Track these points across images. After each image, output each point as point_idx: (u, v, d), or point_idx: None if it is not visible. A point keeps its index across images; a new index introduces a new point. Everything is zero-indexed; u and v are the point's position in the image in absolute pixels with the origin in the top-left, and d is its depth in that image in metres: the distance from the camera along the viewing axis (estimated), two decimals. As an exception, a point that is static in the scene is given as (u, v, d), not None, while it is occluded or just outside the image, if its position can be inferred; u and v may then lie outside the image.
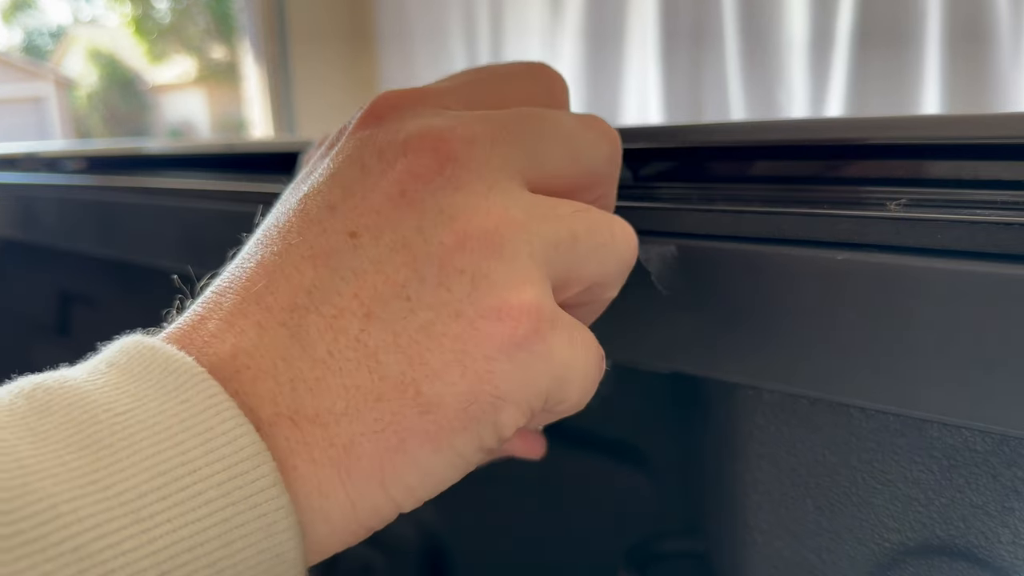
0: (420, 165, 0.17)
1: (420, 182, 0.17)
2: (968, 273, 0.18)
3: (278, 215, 0.19)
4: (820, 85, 1.75)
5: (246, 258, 0.18)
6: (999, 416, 0.18)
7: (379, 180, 0.18)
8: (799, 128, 0.24)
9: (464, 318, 0.17)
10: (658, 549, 0.33)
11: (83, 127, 4.84)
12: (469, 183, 0.17)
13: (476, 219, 0.17)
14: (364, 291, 0.17)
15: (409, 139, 0.18)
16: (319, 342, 0.17)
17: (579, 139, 0.20)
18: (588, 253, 0.19)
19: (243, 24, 2.77)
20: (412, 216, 0.17)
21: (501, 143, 0.18)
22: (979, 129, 0.20)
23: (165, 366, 0.16)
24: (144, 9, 4.88)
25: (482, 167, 0.18)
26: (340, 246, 0.17)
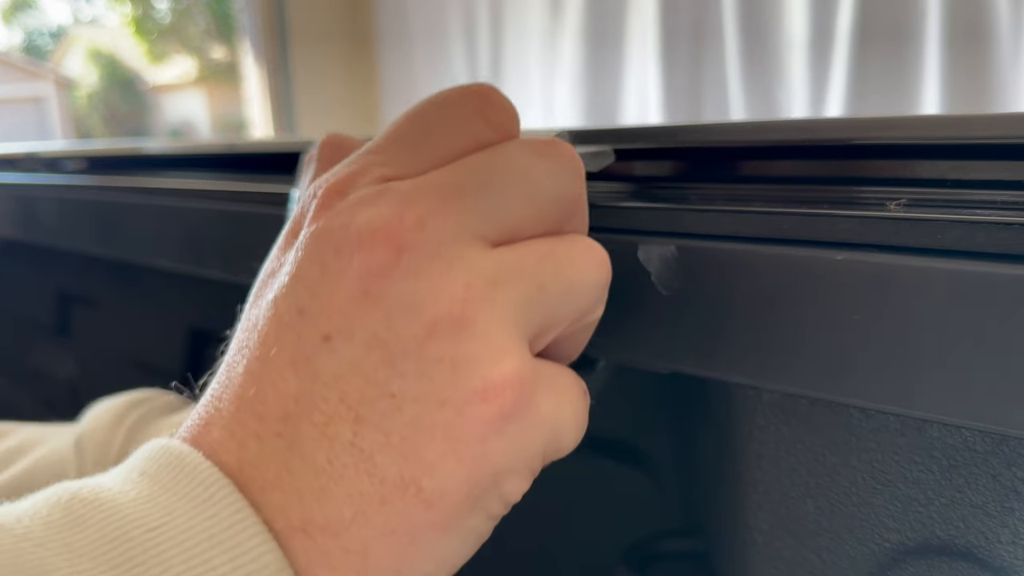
0: (376, 262, 0.17)
1: (379, 278, 0.17)
2: (968, 273, 0.18)
3: (255, 317, 0.19)
4: (820, 85, 1.75)
5: (234, 363, 0.19)
6: (999, 416, 0.18)
7: (340, 280, 0.17)
8: (799, 128, 0.24)
9: (450, 405, 0.17)
10: (658, 549, 0.33)
11: (83, 127, 4.85)
12: (428, 267, 0.17)
13: (442, 304, 0.17)
14: (349, 395, 0.17)
15: (361, 235, 0.18)
16: (316, 451, 0.17)
17: (534, 175, 0.19)
18: (559, 298, 0.19)
19: (243, 24, 2.77)
20: (379, 313, 0.17)
21: (452, 212, 0.18)
22: (979, 129, 0.20)
23: (193, 476, 0.17)
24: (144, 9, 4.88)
25: (438, 246, 0.17)
26: (316, 351, 0.17)
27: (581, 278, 0.19)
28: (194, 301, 0.55)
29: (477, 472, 0.17)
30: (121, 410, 0.36)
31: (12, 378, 0.82)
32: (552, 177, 0.20)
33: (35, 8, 5.28)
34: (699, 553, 0.32)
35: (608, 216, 0.24)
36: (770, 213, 0.21)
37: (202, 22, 4.84)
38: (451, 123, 0.20)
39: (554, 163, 0.20)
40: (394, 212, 0.18)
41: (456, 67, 2.47)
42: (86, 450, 0.34)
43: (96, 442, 0.34)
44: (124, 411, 0.36)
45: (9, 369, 0.82)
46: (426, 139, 0.20)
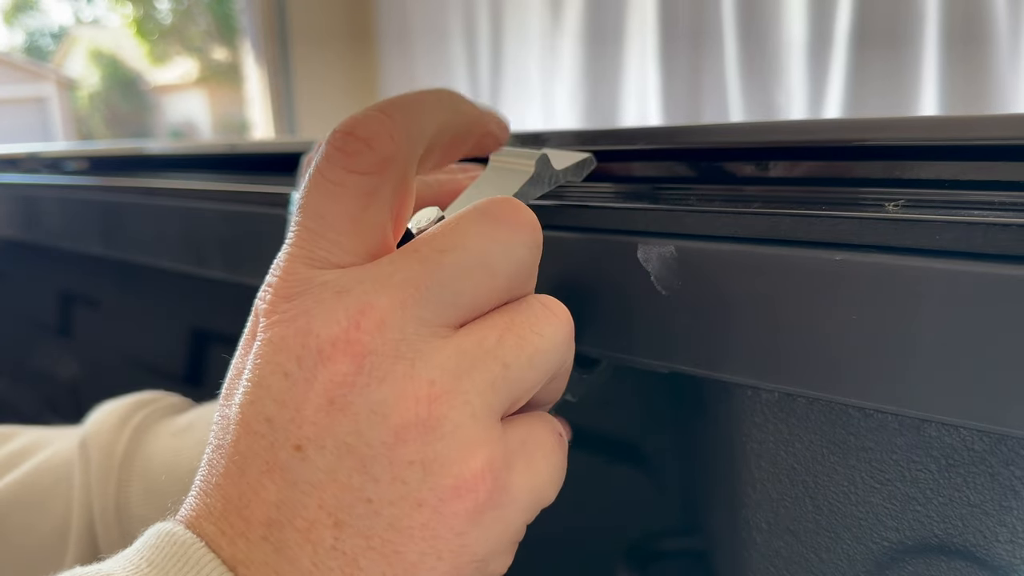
0: (339, 372, 0.17)
1: (343, 388, 0.17)
2: (966, 274, 0.18)
3: (227, 418, 0.19)
4: (819, 87, 1.75)
5: (216, 460, 0.19)
6: (997, 415, 0.18)
7: (306, 391, 0.18)
8: (798, 129, 0.24)
9: (427, 505, 0.17)
10: (658, 548, 0.33)
11: (85, 128, 4.85)
12: (391, 370, 0.17)
13: (408, 410, 0.17)
14: (327, 501, 0.17)
15: (321, 346, 0.18)
16: (301, 555, 0.17)
17: (491, 256, 0.19)
18: (525, 370, 0.19)
19: (244, 25, 2.77)
20: (347, 422, 0.17)
21: (410, 308, 0.18)
22: (977, 130, 0.20)
23: (199, 570, 0.17)
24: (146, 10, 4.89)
25: (399, 346, 0.18)
26: (289, 461, 0.18)
27: (544, 343, 0.19)
28: (194, 301, 0.55)
29: (458, 563, 0.18)
30: (126, 412, 0.36)
31: (13, 378, 0.82)
32: (510, 252, 0.19)
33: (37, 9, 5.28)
34: (699, 552, 0.32)
35: (608, 216, 0.25)
36: (770, 214, 0.21)
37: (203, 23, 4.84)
38: (332, 195, 0.19)
39: (512, 235, 0.19)
40: (351, 318, 0.18)
41: (456, 67, 2.47)
42: (90, 452, 0.34)
43: (100, 444, 0.34)
44: (129, 413, 0.36)
45: (10, 369, 0.82)
46: (328, 221, 0.19)
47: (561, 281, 0.25)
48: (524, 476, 0.19)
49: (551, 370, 0.20)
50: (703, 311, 0.22)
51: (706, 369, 0.22)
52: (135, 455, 0.34)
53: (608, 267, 0.24)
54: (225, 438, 0.19)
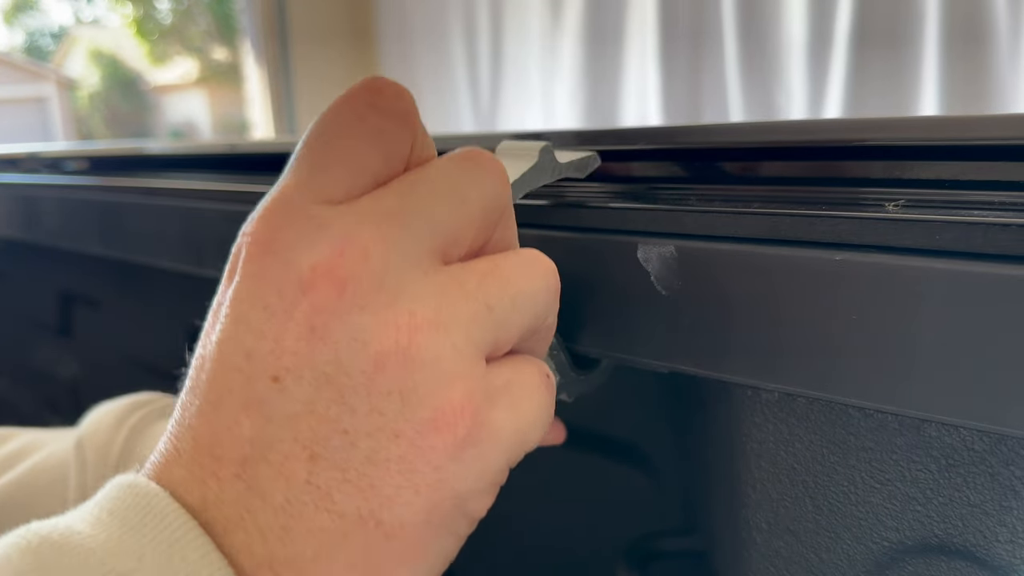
0: (320, 299, 0.17)
1: (324, 314, 0.17)
2: (966, 273, 0.18)
3: (202, 359, 0.19)
4: (818, 86, 1.75)
5: (188, 403, 0.19)
6: (997, 415, 0.18)
7: (286, 321, 0.17)
8: (798, 129, 0.24)
9: (404, 437, 0.17)
10: (658, 548, 0.33)
11: (85, 128, 4.85)
12: (372, 298, 0.17)
13: (389, 337, 0.17)
14: (303, 434, 0.17)
15: (303, 275, 0.17)
16: (275, 491, 0.17)
17: (461, 187, 0.19)
18: (507, 313, 0.19)
19: (244, 25, 2.77)
20: (327, 351, 0.17)
21: (392, 239, 0.18)
22: (977, 130, 0.20)
23: (161, 519, 0.17)
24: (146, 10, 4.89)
25: (381, 276, 0.17)
26: (266, 393, 0.17)
27: (527, 287, 0.19)
28: (194, 301, 0.55)
29: (436, 499, 0.17)
30: (122, 412, 0.36)
31: (13, 378, 0.82)
32: (478, 186, 0.20)
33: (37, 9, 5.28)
34: (699, 552, 0.32)
35: (608, 216, 0.25)
36: (770, 214, 0.21)
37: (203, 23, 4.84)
38: (351, 128, 0.19)
39: (478, 173, 0.20)
40: (334, 248, 0.17)
41: (456, 67, 2.47)
42: (87, 452, 0.34)
43: (97, 444, 0.34)
44: (125, 413, 0.36)
45: (10, 369, 0.82)
46: (335, 154, 0.19)
47: (561, 281, 0.25)
48: (507, 415, 0.18)
49: (535, 315, 0.20)
50: (703, 311, 0.22)
51: (706, 369, 0.22)
52: (131, 455, 0.34)
53: (608, 267, 0.24)
54: (200, 378, 0.18)
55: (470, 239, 0.19)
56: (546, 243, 0.25)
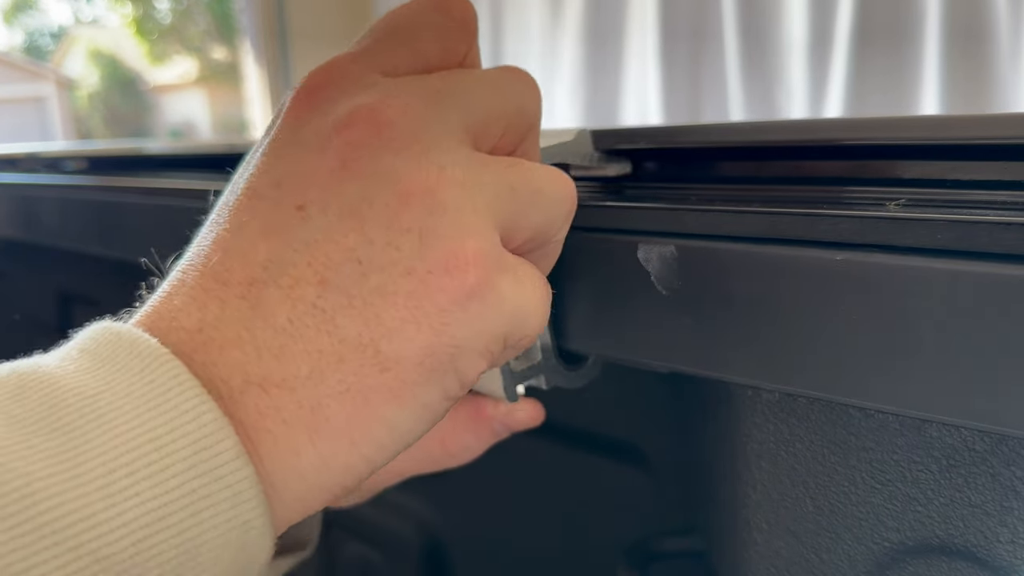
0: (357, 135, 0.18)
1: (359, 150, 0.18)
2: (967, 273, 0.18)
3: (228, 196, 0.19)
4: (819, 86, 1.75)
5: (204, 236, 0.19)
6: (998, 416, 0.18)
7: (320, 155, 0.18)
8: (798, 129, 0.24)
9: (415, 275, 0.17)
10: (658, 548, 0.33)
11: (84, 127, 4.85)
12: (407, 145, 0.18)
13: (417, 179, 0.18)
14: (317, 260, 0.17)
15: (341, 116, 0.18)
16: (279, 312, 0.17)
17: (503, 84, 0.21)
18: (527, 201, 0.20)
19: (243, 25, 2.77)
20: (355, 184, 0.18)
21: (432, 104, 0.19)
22: (978, 129, 0.20)
23: (131, 349, 0.17)
24: (145, 10, 4.89)
25: (417, 129, 0.18)
26: (290, 220, 0.18)
27: (548, 189, 0.20)
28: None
29: (435, 341, 0.18)
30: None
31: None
32: (516, 89, 0.21)
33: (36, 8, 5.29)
34: (699, 553, 0.32)
35: (608, 216, 0.24)
36: (770, 213, 0.21)
37: (203, 22, 4.84)
38: (417, 19, 0.21)
39: (518, 80, 0.21)
40: (377, 99, 0.18)
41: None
42: None
43: None
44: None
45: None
46: (398, 36, 0.21)
47: (561, 281, 0.25)
48: (512, 287, 0.19)
49: (549, 219, 0.21)
50: (703, 311, 0.22)
51: (706, 369, 0.22)
52: None
53: (608, 267, 0.24)
54: (224, 211, 0.19)
55: (500, 132, 0.20)
56: (546, 243, 0.25)
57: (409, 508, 0.46)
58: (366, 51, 0.20)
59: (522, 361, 0.26)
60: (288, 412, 0.17)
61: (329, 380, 0.17)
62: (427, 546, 0.45)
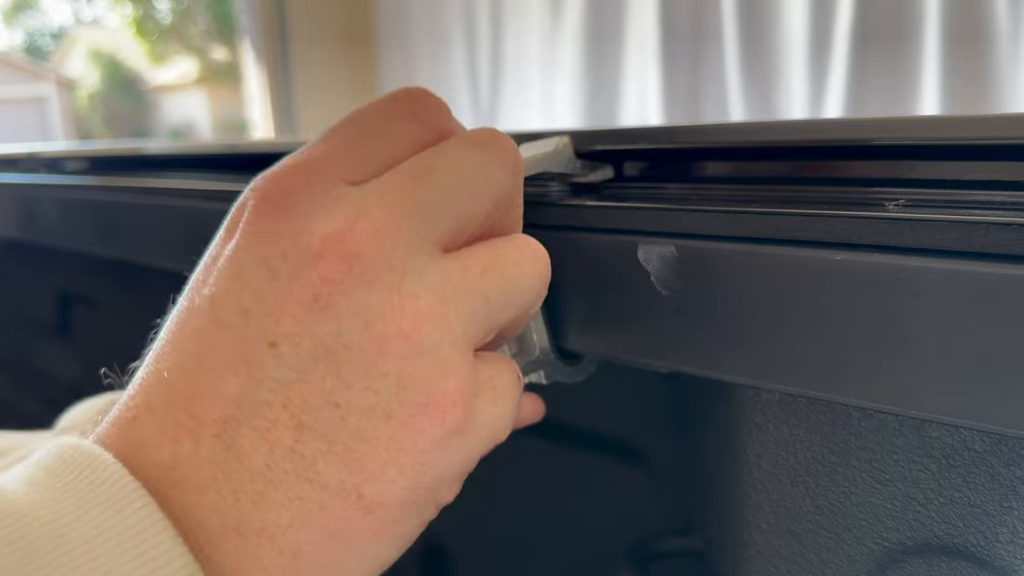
0: (328, 269, 0.17)
1: (330, 285, 0.17)
2: (967, 273, 0.18)
3: (187, 309, 0.18)
4: (819, 86, 1.75)
5: (163, 354, 0.18)
6: (998, 416, 0.18)
7: (290, 285, 0.17)
8: (798, 129, 0.24)
9: (395, 419, 0.17)
10: (658, 548, 0.33)
11: (84, 127, 4.85)
12: (379, 277, 0.17)
13: (392, 321, 0.17)
14: (293, 401, 0.17)
15: (312, 243, 0.17)
16: (255, 455, 0.17)
17: (474, 173, 0.20)
18: (503, 305, 0.19)
19: (244, 25, 2.77)
20: (328, 322, 0.17)
21: (403, 220, 0.18)
22: (978, 130, 0.20)
23: (101, 476, 0.16)
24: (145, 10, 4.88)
25: (390, 255, 0.18)
26: (261, 356, 0.17)
27: (524, 282, 0.20)
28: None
29: (418, 482, 0.18)
30: (102, 406, 0.35)
31: (13, 378, 0.82)
32: (492, 178, 0.20)
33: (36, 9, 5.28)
34: (700, 553, 0.32)
35: (608, 216, 0.25)
36: (770, 213, 0.21)
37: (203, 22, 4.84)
38: (388, 127, 0.20)
39: (492, 157, 0.20)
40: (347, 221, 0.18)
41: (456, 67, 2.47)
42: None
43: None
44: (105, 408, 0.35)
45: (9, 369, 0.82)
46: (368, 143, 0.20)
47: (561, 281, 0.25)
48: (489, 408, 0.19)
49: (525, 308, 0.20)
50: (703, 311, 0.22)
51: (706, 369, 0.22)
52: None
53: (608, 267, 0.24)
54: (184, 329, 0.18)
55: (476, 228, 0.20)
56: (546, 242, 0.25)
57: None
58: (331, 155, 0.19)
59: (522, 357, 0.26)
60: (268, 559, 0.17)
61: (311, 527, 0.17)
62: (427, 546, 0.45)
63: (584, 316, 0.25)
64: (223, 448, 0.17)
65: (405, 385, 0.17)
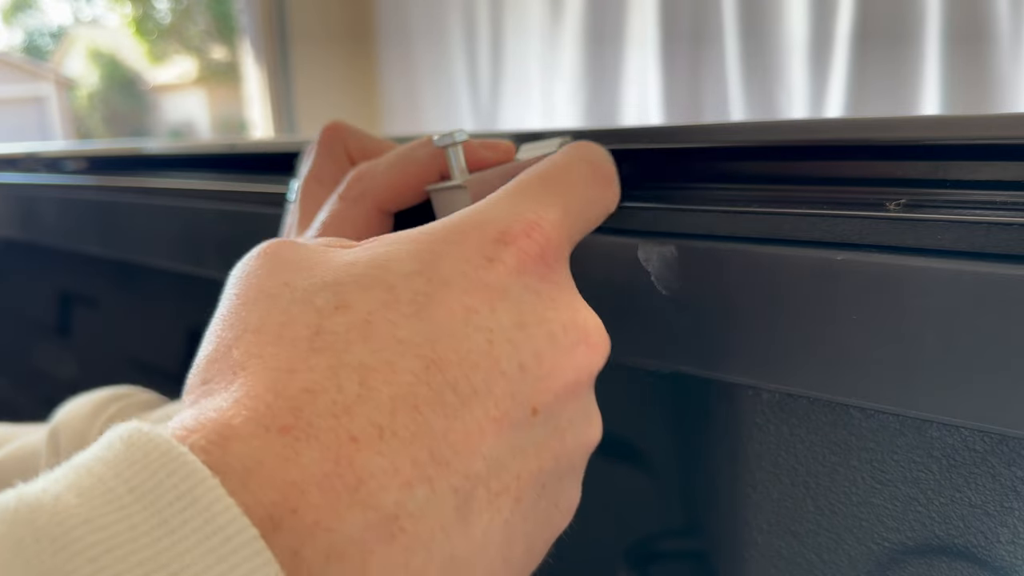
0: (588, 359, 0.19)
1: (585, 375, 0.19)
2: (967, 273, 0.18)
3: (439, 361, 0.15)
4: (820, 85, 1.75)
5: (414, 419, 0.15)
6: (998, 416, 0.18)
7: (561, 359, 0.18)
8: (799, 128, 0.24)
9: (571, 478, 0.19)
10: (658, 548, 0.33)
11: (84, 127, 4.85)
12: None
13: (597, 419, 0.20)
14: (525, 472, 0.16)
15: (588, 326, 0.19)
16: (478, 520, 0.15)
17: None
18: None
19: (243, 24, 2.77)
20: (573, 407, 0.18)
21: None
22: (979, 129, 0.20)
23: (208, 509, 0.12)
24: (144, 9, 4.89)
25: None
26: (523, 419, 0.16)
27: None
28: (194, 301, 0.55)
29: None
30: (100, 403, 0.35)
31: (12, 378, 0.82)
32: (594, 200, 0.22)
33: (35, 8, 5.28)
34: (699, 553, 0.32)
35: (608, 216, 0.24)
36: (770, 213, 0.21)
37: (202, 22, 4.84)
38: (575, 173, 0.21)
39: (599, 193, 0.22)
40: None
41: (456, 67, 2.47)
42: (60, 440, 0.33)
43: (72, 432, 0.33)
44: (103, 404, 0.35)
45: (9, 369, 0.82)
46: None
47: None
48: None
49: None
50: (703, 311, 0.22)
51: (707, 369, 0.22)
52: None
53: (608, 267, 0.24)
54: (418, 390, 0.14)
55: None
56: (546, 243, 0.25)
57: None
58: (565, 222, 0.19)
59: None
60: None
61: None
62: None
63: (584, 316, 0.25)
64: (455, 503, 0.14)
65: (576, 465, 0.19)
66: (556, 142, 0.26)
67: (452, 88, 2.49)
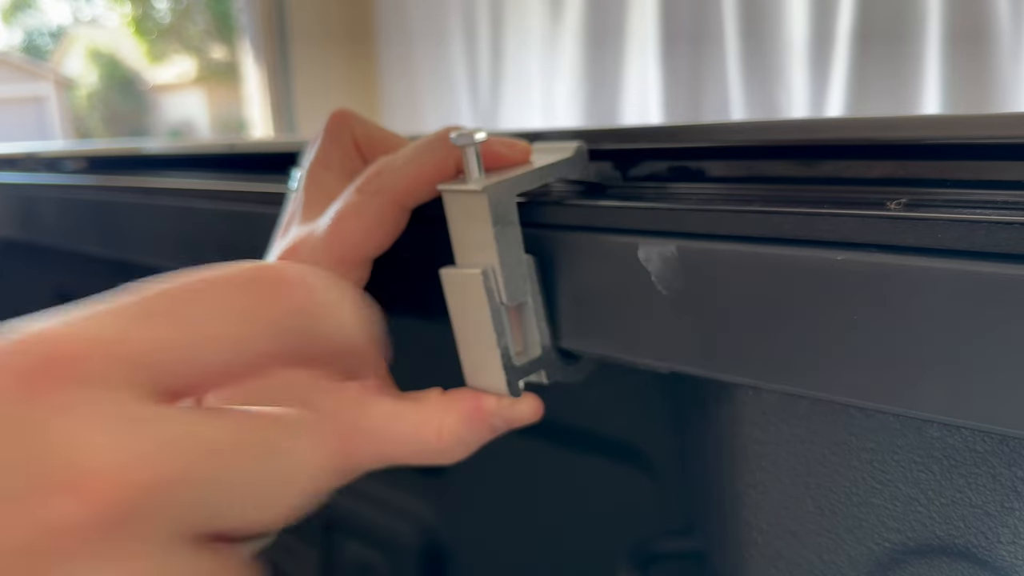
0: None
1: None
2: (968, 273, 0.18)
3: None
4: (820, 85, 1.75)
5: None
6: (999, 416, 0.18)
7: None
8: (799, 128, 0.24)
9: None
10: (658, 549, 0.33)
11: (83, 127, 4.85)
12: None
13: None
14: None
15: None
16: None
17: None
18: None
19: (243, 24, 2.77)
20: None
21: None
22: (979, 129, 0.20)
23: None
24: (144, 9, 4.88)
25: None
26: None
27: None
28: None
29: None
30: None
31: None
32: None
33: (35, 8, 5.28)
34: (700, 553, 0.32)
35: (609, 216, 0.24)
36: (771, 213, 0.21)
37: (202, 22, 4.83)
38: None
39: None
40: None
41: (456, 67, 2.47)
42: None
43: None
44: None
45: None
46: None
47: (562, 281, 0.25)
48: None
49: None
50: (704, 311, 0.22)
51: (707, 369, 0.22)
52: None
53: (608, 267, 0.24)
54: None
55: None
56: (547, 243, 0.25)
57: (409, 508, 0.46)
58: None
59: (524, 356, 0.26)
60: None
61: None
62: (427, 546, 0.45)
63: (585, 315, 0.25)
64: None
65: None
66: (571, 147, 0.26)
67: (452, 88, 2.49)
